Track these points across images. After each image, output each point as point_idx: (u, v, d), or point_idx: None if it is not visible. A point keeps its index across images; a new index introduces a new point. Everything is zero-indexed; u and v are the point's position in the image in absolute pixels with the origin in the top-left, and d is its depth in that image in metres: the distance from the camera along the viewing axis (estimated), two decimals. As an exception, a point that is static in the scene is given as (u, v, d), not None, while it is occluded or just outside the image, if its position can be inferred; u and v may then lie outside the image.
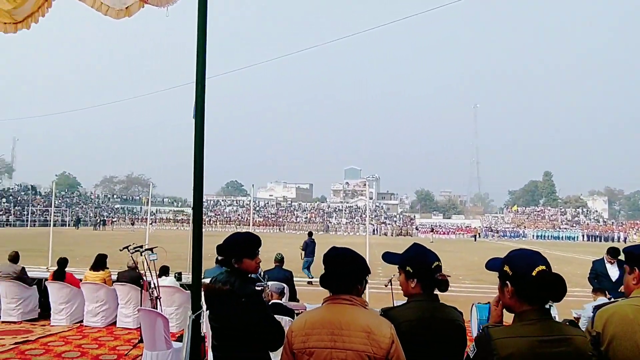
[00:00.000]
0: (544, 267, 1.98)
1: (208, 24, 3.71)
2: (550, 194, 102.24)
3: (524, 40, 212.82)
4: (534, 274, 1.96)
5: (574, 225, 71.55)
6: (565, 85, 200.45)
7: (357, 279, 2.36)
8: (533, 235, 64.86)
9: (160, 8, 3.81)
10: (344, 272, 2.35)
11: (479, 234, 62.35)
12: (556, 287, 1.94)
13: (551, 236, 64.15)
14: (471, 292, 13.87)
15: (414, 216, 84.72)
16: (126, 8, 3.91)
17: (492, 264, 2.24)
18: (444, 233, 65.47)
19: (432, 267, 2.53)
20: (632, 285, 2.31)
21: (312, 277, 14.82)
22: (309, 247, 15.70)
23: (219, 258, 3.09)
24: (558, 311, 6.26)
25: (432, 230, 62.43)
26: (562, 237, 63.58)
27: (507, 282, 2.04)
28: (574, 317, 7.15)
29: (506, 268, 2.06)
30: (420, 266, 2.54)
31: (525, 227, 71.17)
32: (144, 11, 3.91)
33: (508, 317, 2.12)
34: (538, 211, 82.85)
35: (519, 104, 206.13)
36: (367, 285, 2.97)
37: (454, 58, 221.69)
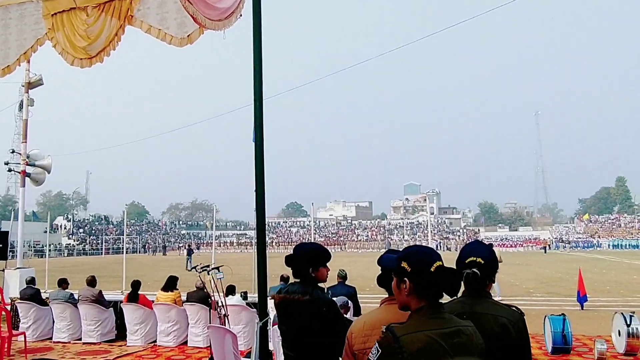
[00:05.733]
0: (440, 263, 1.98)
1: (264, 44, 3.87)
2: (625, 201, 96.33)
3: (586, 38, 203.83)
4: (432, 269, 1.96)
5: (654, 232, 66.89)
6: (634, 83, 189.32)
7: None
8: (609, 245, 60.79)
9: (218, 31, 4.04)
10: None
11: (549, 245, 59.58)
12: (453, 282, 1.99)
13: (629, 245, 59.86)
14: (543, 305, 13.33)
15: (478, 230, 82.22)
16: (188, 36, 4.17)
17: (387, 260, 2.23)
18: (511, 246, 63.07)
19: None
20: None
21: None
22: None
23: (289, 272, 3.13)
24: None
25: (498, 244, 60.26)
26: (642, 245, 59.35)
27: (405, 278, 2.02)
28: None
29: (404, 264, 2.03)
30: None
31: (599, 236, 67.28)
32: (204, 36, 4.14)
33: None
34: (612, 219, 78.11)
35: (582, 109, 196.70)
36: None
37: (513, 62, 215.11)
